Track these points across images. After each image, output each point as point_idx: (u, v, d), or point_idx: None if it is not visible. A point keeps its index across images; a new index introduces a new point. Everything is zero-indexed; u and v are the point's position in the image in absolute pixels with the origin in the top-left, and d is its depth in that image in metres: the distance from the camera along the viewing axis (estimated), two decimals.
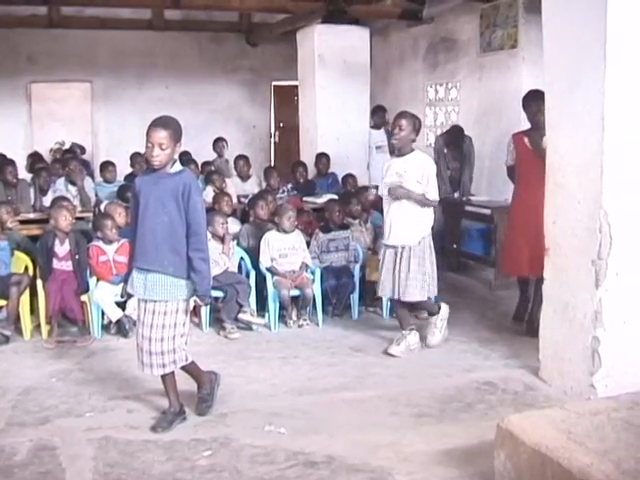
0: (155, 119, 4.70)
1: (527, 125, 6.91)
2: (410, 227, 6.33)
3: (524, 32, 9.48)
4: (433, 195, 6.39)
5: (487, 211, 9.19)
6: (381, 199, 6.80)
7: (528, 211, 6.53)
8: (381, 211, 8.52)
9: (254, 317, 7.14)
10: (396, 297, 6.44)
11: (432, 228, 6.51)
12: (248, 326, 7.17)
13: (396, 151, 6.58)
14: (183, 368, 4.96)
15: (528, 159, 6.75)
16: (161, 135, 4.58)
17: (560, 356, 5.46)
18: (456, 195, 9.86)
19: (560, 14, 5.33)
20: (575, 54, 5.18)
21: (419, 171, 6.32)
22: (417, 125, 6.45)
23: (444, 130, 10.77)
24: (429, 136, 11.77)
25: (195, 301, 4.89)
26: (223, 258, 7.29)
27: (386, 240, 6.52)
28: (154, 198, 4.68)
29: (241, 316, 7.08)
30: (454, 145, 9.89)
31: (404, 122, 6.33)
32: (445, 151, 9.96)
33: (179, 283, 4.71)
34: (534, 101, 6.57)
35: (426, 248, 6.37)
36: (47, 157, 12.16)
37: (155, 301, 4.71)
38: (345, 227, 7.93)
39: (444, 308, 6.73)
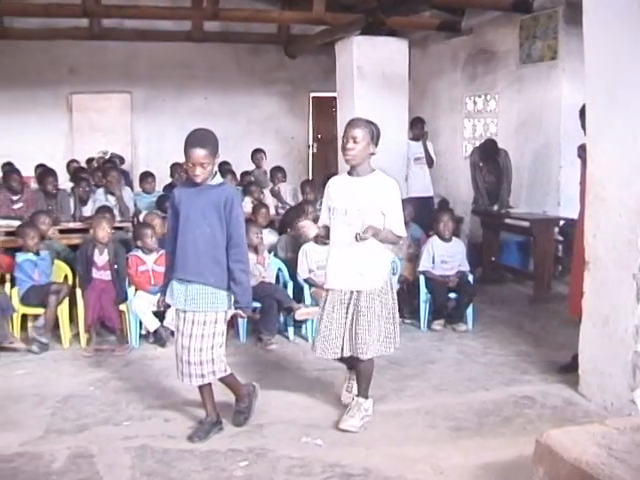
0: (192, 136, 4.67)
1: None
2: (371, 268, 4.98)
3: (564, 44, 9.41)
4: (401, 230, 5.04)
5: (526, 224, 9.14)
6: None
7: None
8: (419, 223, 8.57)
9: (309, 308, 7.13)
10: (349, 354, 5.06)
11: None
12: (306, 319, 7.19)
13: (350, 169, 5.07)
14: (222, 380, 4.97)
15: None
16: (201, 154, 4.58)
17: (600, 371, 5.39)
18: (495, 208, 9.81)
19: (601, 27, 5.28)
20: (615, 67, 5.13)
21: (383, 199, 4.97)
22: (375, 134, 5.00)
23: (481, 142, 10.73)
24: (467, 148, 11.74)
25: (237, 313, 4.90)
26: (258, 268, 7.30)
27: (332, 283, 5.09)
28: (195, 209, 4.70)
29: (298, 316, 7.10)
30: (489, 159, 9.86)
31: (359, 132, 4.90)
32: (480, 164, 9.93)
33: (219, 294, 4.72)
34: None
35: (389, 291, 5.11)
36: (83, 165, 12.26)
37: (195, 311, 4.72)
38: None
39: (372, 401, 5.26)
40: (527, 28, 10.16)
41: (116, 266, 7.18)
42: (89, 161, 12.60)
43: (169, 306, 5.05)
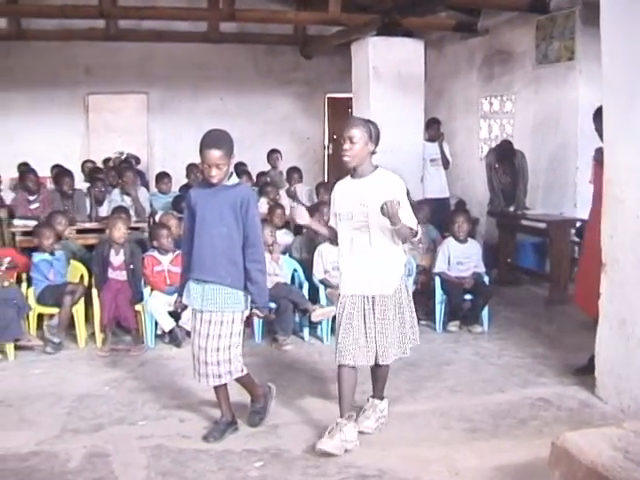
0: (207, 137, 4.68)
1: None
2: (384, 272, 4.82)
3: (581, 44, 9.35)
4: (412, 223, 4.77)
5: (542, 225, 9.10)
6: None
7: (597, 240, 5.57)
8: (435, 224, 8.56)
9: (324, 308, 7.13)
10: (372, 363, 4.89)
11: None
12: (322, 320, 7.20)
13: (352, 171, 4.89)
14: (238, 380, 4.98)
15: (600, 179, 5.73)
16: (217, 155, 4.59)
17: (617, 373, 5.36)
18: (511, 209, 9.78)
19: (618, 27, 5.24)
20: (633, 68, 5.10)
21: (388, 197, 4.57)
22: (374, 132, 4.81)
23: (497, 143, 10.70)
24: (483, 149, 11.70)
25: (254, 312, 4.92)
26: (272, 265, 7.26)
27: (348, 288, 4.90)
28: (212, 210, 4.71)
29: (314, 317, 7.11)
30: (505, 160, 9.82)
31: (355, 132, 4.71)
32: (496, 166, 9.90)
33: (236, 294, 4.73)
34: None
35: (403, 293, 4.94)
36: (99, 165, 12.28)
37: (212, 311, 4.73)
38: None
39: (387, 401, 5.25)
40: (544, 28, 10.11)
41: (132, 266, 7.21)
42: (106, 161, 12.63)
43: (186, 307, 5.06)
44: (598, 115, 5.84)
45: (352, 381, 4.85)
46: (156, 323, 7.09)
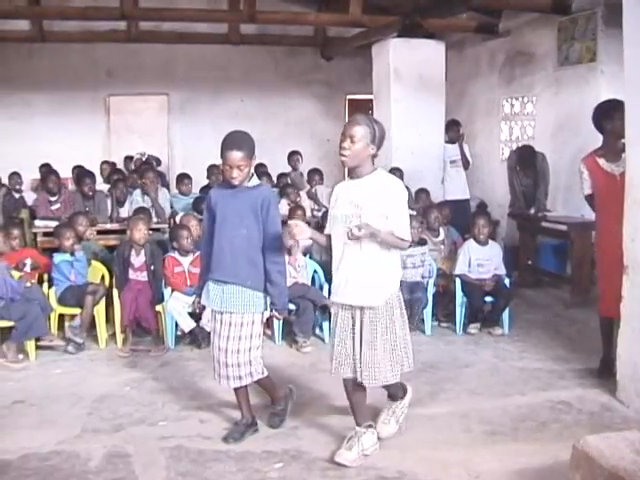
0: (228, 138, 4.68)
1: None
2: (374, 281, 4.49)
3: (603, 45, 9.30)
4: (404, 233, 4.49)
5: (563, 227, 9.06)
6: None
7: (618, 243, 5.50)
8: (456, 226, 8.55)
9: None
10: (359, 380, 4.59)
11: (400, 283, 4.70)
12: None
13: (349, 172, 4.71)
14: (258, 382, 4.98)
15: (608, 183, 5.98)
16: (238, 157, 4.59)
17: (638, 377, 5.32)
18: (532, 211, 9.74)
19: None
20: None
21: (384, 200, 4.46)
22: (378, 133, 4.52)
23: (518, 145, 10.66)
24: (504, 151, 11.66)
25: (273, 314, 4.92)
26: (288, 269, 7.23)
27: (337, 296, 4.64)
28: (232, 211, 4.72)
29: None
30: (526, 162, 9.78)
31: (357, 131, 4.46)
32: (517, 168, 9.86)
33: (256, 295, 4.74)
34: (619, 111, 5.59)
35: (395, 308, 4.57)
36: (120, 165, 12.32)
37: (232, 313, 4.74)
38: (423, 242, 7.81)
39: (409, 394, 5.10)
40: (565, 30, 10.06)
41: (152, 267, 7.23)
42: (128, 158, 12.66)
43: (204, 307, 5.07)
44: (602, 113, 6.15)
45: (359, 391, 4.72)
46: (176, 324, 7.12)
